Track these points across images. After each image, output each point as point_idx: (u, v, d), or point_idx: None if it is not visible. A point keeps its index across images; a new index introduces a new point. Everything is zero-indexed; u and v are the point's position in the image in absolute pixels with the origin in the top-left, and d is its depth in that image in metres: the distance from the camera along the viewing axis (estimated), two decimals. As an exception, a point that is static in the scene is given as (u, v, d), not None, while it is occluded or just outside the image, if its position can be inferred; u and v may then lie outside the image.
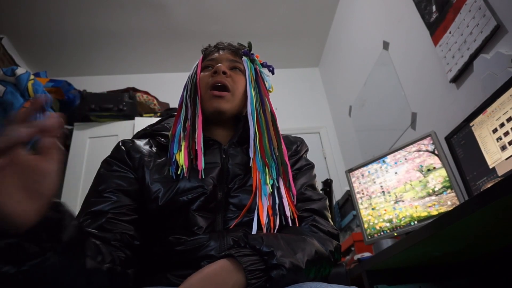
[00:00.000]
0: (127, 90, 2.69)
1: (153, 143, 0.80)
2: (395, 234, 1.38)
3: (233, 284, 0.50)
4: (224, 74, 0.80)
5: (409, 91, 1.94)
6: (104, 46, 2.97)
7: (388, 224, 1.41)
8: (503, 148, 1.04)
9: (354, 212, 1.92)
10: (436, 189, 1.29)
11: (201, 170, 0.71)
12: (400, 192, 1.41)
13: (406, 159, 1.42)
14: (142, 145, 0.78)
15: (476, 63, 1.36)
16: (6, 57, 2.47)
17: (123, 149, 0.76)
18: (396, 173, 1.44)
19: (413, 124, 1.90)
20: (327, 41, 3.19)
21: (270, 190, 0.70)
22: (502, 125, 1.05)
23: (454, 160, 1.27)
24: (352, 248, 1.76)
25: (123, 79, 3.15)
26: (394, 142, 2.10)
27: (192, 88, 0.83)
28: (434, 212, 1.27)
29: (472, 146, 1.18)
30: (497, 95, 1.08)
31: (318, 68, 3.52)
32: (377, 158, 1.54)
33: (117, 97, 2.55)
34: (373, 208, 1.49)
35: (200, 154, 0.73)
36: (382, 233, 1.42)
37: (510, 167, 1.01)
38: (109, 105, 2.48)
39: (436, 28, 1.62)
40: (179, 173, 0.71)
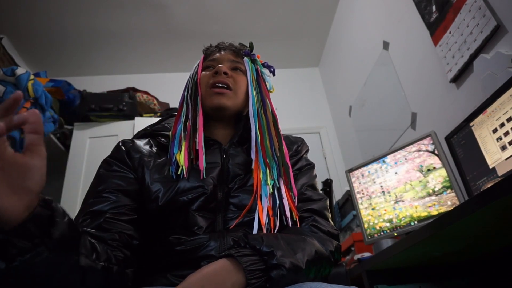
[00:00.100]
0: (127, 90, 2.69)
1: (153, 143, 0.80)
2: (395, 234, 1.38)
3: (232, 283, 0.50)
4: (225, 74, 0.80)
5: (409, 91, 1.94)
6: (104, 46, 2.97)
7: (388, 224, 1.41)
8: (503, 148, 1.04)
9: (354, 212, 1.92)
10: (436, 189, 1.29)
11: (202, 170, 0.71)
12: (400, 192, 1.41)
13: (406, 159, 1.42)
14: (142, 145, 0.78)
15: (476, 63, 1.36)
16: (6, 57, 2.46)
17: (123, 149, 0.76)
18: (396, 173, 1.44)
19: (413, 124, 1.90)
20: (327, 41, 3.19)
21: (271, 191, 0.70)
22: (502, 125, 1.05)
23: (454, 160, 1.27)
24: (352, 248, 1.76)
25: (123, 79, 3.15)
26: (394, 142, 2.10)
27: (193, 87, 0.83)
28: (434, 212, 1.27)
29: (472, 146, 1.18)
30: (497, 95, 1.08)
31: (318, 68, 3.51)
32: (377, 158, 1.54)
33: (117, 97, 2.55)
34: (373, 208, 1.49)
35: (201, 154, 0.73)
36: (382, 233, 1.42)
37: (510, 167, 1.01)
38: (109, 105, 2.48)
39: (436, 28, 1.62)
40: (179, 173, 0.71)
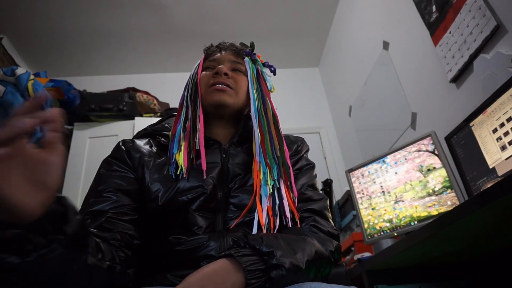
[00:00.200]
0: (127, 90, 2.69)
1: (153, 142, 0.80)
2: (395, 234, 1.38)
3: (232, 283, 0.50)
4: (226, 75, 0.80)
5: (409, 91, 1.94)
6: (104, 46, 2.97)
7: (388, 224, 1.41)
8: (503, 148, 1.04)
9: (354, 212, 1.92)
10: (436, 189, 1.29)
11: (205, 170, 0.71)
12: (400, 192, 1.41)
13: (406, 159, 1.42)
14: (142, 144, 0.78)
15: (476, 63, 1.36)
16: (6, 57, 2.47)
17: (123, 149, 0.76)
18: (396, 173, 1.44)
19: (413, 124, 1.90)
20: (327, 41, 3.19)
21: (271, 191, 0.70)
22: (502, 125, 1.05)
23: (454, 160, 1.27)
24: (352, 248, 1.76)
25: (123, 79, 3.15)
26: (394, 142, 2.10)
27: (193, 87, 0.83)
28: (434, 212, 1.27)
29: (472, 146, 1.17)
30: (497, 95, 1.08)
31: (318, 68, 3.51)
32: (377, 158, 1.54)
33: (117, 97, 2.55)
34: (373, 208, 1.49)
35: (203, 154, 0.73)
36: (382, 233, 1.42)
37: (510, 167, 1.01)
38: (109, 105, 2.48)
39: (436, 28, 1.62)
40: (178, 173, 0.71)
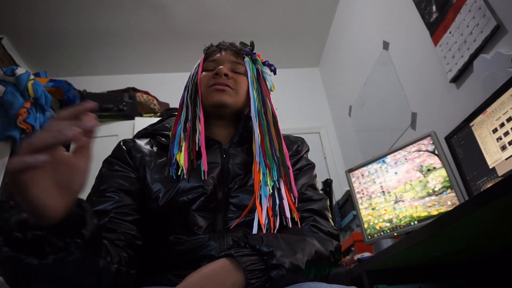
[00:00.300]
0: (127, 90, 2.70)
1: (153, 142, 0.80)
2: (395, 234, 1.38)
3: (232, 283, 0.50)
4: (226, 76, 0.80)
5: (409, 91, 1.94)
6: (104, 46, 2.97)
7: (388, 224, 1.41)
8: (503, 148, 1.04)
9: (354, 212, 1.92)
10: (436, 189, 1.29)
11: (206, 171, 0.71)
12: (400, 192, 1.41)
13: (406, 159, 1.42)
14: (143, 144, 0.78)
15: (476, 63, 1.36)
16: (6, 57, 2.46)
17: (124, 148, 0.76)
18: (396, 173, 1.44)
19: (413, 124, 1.90)
20: (327, 41, 3.19)
21: (271, 191, 0.70)
22: (502, 125, 1.05)
23: (454, 160, 1.27)
24: (352, 248, 1.76)
25: (123, 79, 3.15)
26: (394, 142, 2.10)
27: (193, 88, 0.83)
28: (434, 212, 1.27)
29: (472, 146, 1.17)
30: (497, 95, 1.08)
31: (318, 68, 3.51)
32: (377, 158, 1.54)
33: (117, 97, 2.56)
34: (373, 208, 1.49)
35: (204, 155, 0.73)
36: (382, 233, 1.42)
37: (510, 167, 1.01)
38: (109, 105, 2.48)
39: (436, 28, 1.62)
40: (179, 173, 0.71)
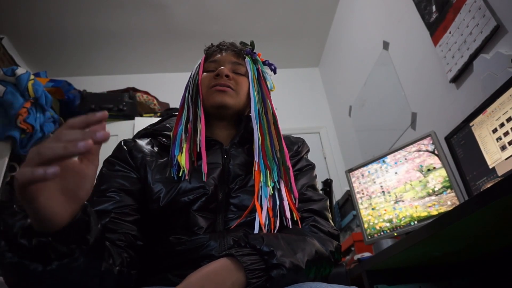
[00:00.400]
0: (127, 90, 2.69)
1: (154, 143, 0.80)
2: (395, 234, 1.38)
3: (233, 283, 0.50)
4: (227, 77, 0.80)
5: (409, 91, 1.94)
6: (104, 46, 2.97)
7: (388, 224, 1.41)
8: (503, 148, 1.04)
9: (354, 212, 1.92)
10: (436, 189, 1.29)
11: (206, 173, 0.71)
12: (400, 192, 1.41)
13: (406, 159, 1.42)
14: (144, 144, 0.78)
15: (476, 63, 1.36)
16: (6, 57, 2.46)
17: (125, 148, 0.76)
18: (396, 173, 1.44)
19: (413, 124, 1.90)
20: (327, 41, 3.19)
21: (271, 192, 0.70)
22: (502, 125, 1.05)
23: (454, 160, 1.27)
24: (352, 248, 1.76)
25: (123, 79, 3.15)
26: (394, 142, 2.10)
27: (194, 89, 0.83)
28: (434, 212, 1.27)
29: (472, 146, 1.18)
30: (497, 95, 1.08)
31: (318, 68, 3.51)
32: (377, 158, 1.54)
33: (117, 97, 2.55)
34: (373, 208, 1.49)
35: (204, 157, 0.73)
36: (382, 233, 1.42)
37: (510, 167, 1.01)
38: (109, 105, 2.48)
39: (436, 28, 1.62)
40: (180, 174, 0.71)
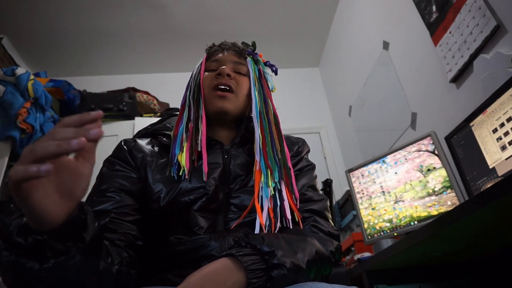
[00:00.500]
0: (127, 90, 2.69)
1: (155, 142, 0.80)
2: (395, 234, 1.38)
3: (233, 283, 0.50)
4: (228, 76, 0.80)
5: (409, 91, 1.94)
6: (104, 46, 2.97)
7: (388, 224, 1.41)
8: (503, 148, 1.04)
9: (354, 212, 1.92)
10: (436, 189, 1.29)
11: (206, 173, 0.71)
12: (400, 192, 1.41)
13: (406, 159, 1.42)
14: (144, 144, 0.78)
15: (476, 63, 1.36)
16: (6, 57, 2.46)
17: (126, 148, 0.76)
18: (396, 173, 1.44)
19: (413, 124, 1.90)
20: (327, 41, 3.19)
21: (272, 193, 0.70)
22: (502, 125, 1.05)
23: (454, 160, 1.27)
24: (352, 248, 1.76)
25: (123, 79, 3.15)
26: (394, 142, 2.10)
27: (195, 88, 0.83)
28: (434, 212, 1.27)
29: (472, 146, 1.18)
30: (497, 95, 1.08)
31: (318, 68, 3.51)
32: (377, 158, 1.54)
33: (117, 97, 2.55)
34: (373, 208, 1.49)
35: (205, 156, 0.73)
36: (382, 233, 1.42)
37: (510, 167, 1.01)
38: (109, 105, 2.48)
39: (436, 28, 1.62)
40: (180, 174, 0.71)
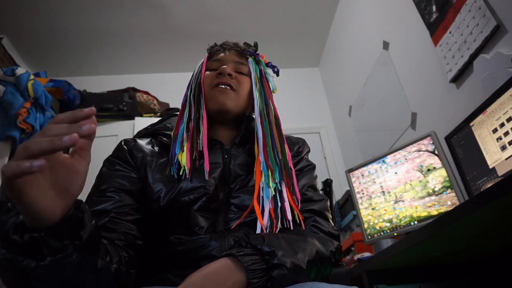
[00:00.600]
0: (127, 90, 2.69)
1: (155, 142, 0.80)
2: (395, 234, 1.38)
3: (233, 283, 0.50)
4: (229, 76, 0.80)
5: (409, 91, 1.94)
6: (104, 46, 2.97)
7: (388, 224, 1.41)
8: (503, 148, 1.04)
9: (354, 212, 1.92)
10: (436, 189, 1.29)
11: (207, 172, 0.71)
12: (400, 192, 1.41)
13: (406, 159, 1.42)
14: (144, 144, 0.78)
15: (476, 63, 1.36)
16: (6, 57, 2.46)
17: (126, 148, 0.76)
18: (396, 173, 1.44)
19: (413, 124, 1.90)
20: (327, 41, 3.19)
21: (273, 193, 0.70)
22: (502, 125, 1.05)
23: (454, 160, 1.27)
24: (352, 248, 1.76)
25: (123, 79, 3.15)
26: (394, 142, 2.10)
27: (196, 87, 0.83)
28: (434, 212, 1.27)
29: (472, 146, 1.18)
30: (497, 95, 1.08)
31: (318, 68, 3.51)
32: (377, 158, 1.54)
33: (117, 97, 2.56)
34: (373, 208, 1.49)
35: (206, 156, 0.73)
36: (382, 233, 1.42)
37: (510, 167, 1.01)
38: (109, 105, 2.48)
39: (436, 28, 1.62)
40: (180, 173, 0.71)
